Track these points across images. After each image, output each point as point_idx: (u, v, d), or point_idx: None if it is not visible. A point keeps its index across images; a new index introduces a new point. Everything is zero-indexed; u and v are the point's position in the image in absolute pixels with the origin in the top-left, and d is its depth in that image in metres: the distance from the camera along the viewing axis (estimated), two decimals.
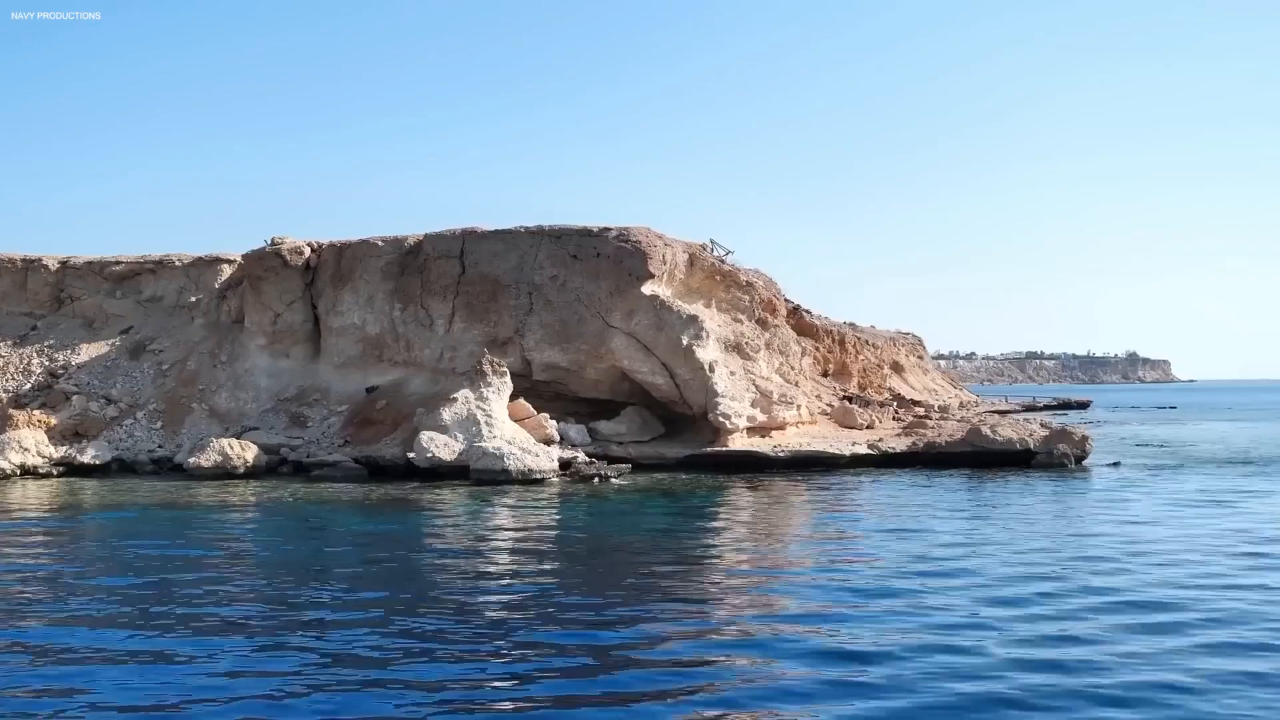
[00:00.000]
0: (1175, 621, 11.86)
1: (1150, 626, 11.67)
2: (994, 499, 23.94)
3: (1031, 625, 11.79)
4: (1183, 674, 9.87)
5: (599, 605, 12.98)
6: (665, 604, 13.05)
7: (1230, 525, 19.25)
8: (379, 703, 9.33)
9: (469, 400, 30.13)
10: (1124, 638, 11.20)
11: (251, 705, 9.32)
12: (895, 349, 69.80)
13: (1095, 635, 11.31)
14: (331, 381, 36.33)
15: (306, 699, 9.45)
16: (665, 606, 12.90)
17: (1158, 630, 11.47)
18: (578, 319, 33.37)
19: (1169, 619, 11.99)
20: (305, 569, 15.85)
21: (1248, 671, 9.92)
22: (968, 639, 11.15)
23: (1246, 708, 8.98)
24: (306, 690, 9.66)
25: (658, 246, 33.25)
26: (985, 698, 9.28)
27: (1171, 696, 9.28)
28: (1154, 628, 11.61)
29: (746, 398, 32.92)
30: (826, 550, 17.20)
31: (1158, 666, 10.12)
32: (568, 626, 11.94)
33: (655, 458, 31.99)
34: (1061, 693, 9.39)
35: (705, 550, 17.49)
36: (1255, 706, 9.00)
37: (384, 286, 36.11)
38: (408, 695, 9.47)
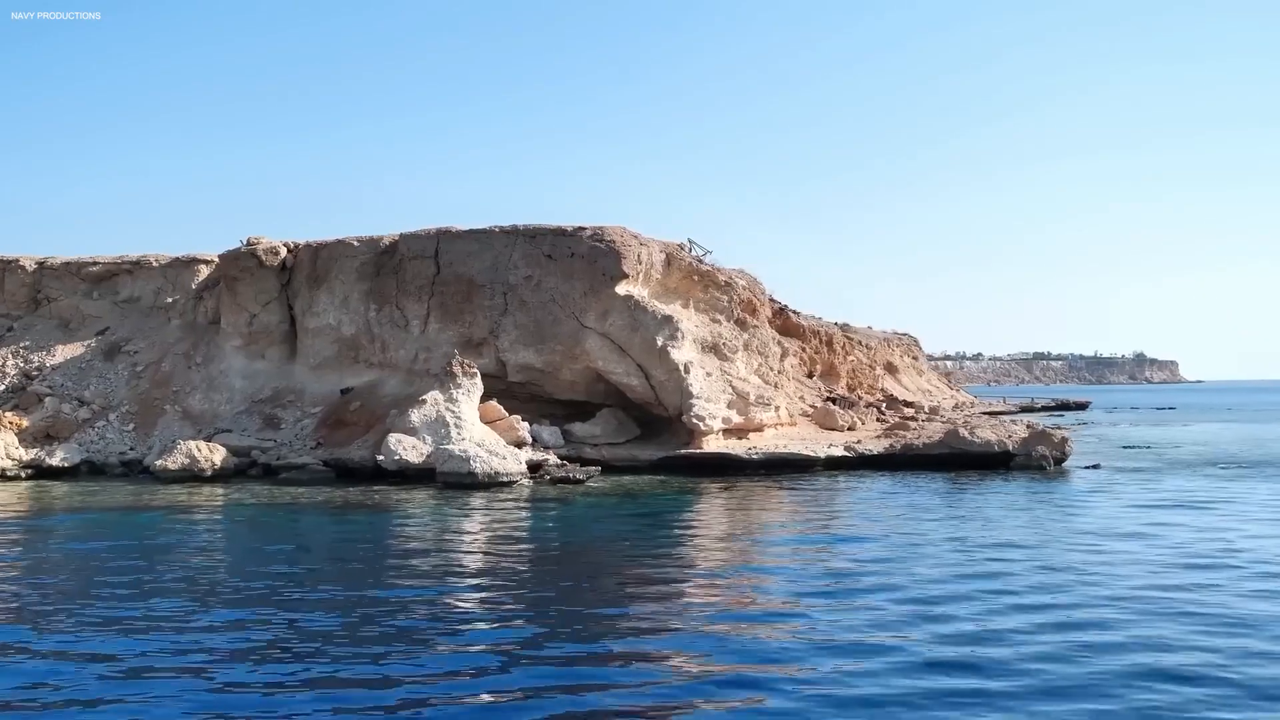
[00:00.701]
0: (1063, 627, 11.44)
1: (1049, 632, 11.31)
2: (957, 501, 23.51)
3: (941, 626, 11.47)
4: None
5: (533, 613, 12.67)
6: (589, 611, 12.66)
7: (1183, 535, 18.63)
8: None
9: (438, 402, 29.76)
10: (1030, 644, 10.96)
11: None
12: (890, 350, 69.31)
13: (997, 639, 11.07)
14: (307, 383, 36.00)
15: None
16: (589, 614, 12.51)
17: (1054, 642, 11.07)
18: (552, 320, 32.99)
19: (1061, 625, 11.56)
20: (241, 572, 15.48)
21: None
22: (874, 646, 10.89)
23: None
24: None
25: (633, 246, 32.84)
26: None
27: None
28: (1055, 638, 11.22)
29: (723, 399, 32.50)
30: (768, 555, 16.78)
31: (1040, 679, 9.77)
32: (502, 636, 11.64)
33: (629, 460, 31.59)
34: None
35: (647, 556, 17.09)
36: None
37: (359, 287, 35.78)
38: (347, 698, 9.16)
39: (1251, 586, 13.77)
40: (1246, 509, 21.70)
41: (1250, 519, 20.16)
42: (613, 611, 12.83)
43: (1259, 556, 15.91)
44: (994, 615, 12.23)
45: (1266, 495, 24.28)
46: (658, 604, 13.19)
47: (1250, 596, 13.19)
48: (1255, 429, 54.93)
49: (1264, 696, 9.26)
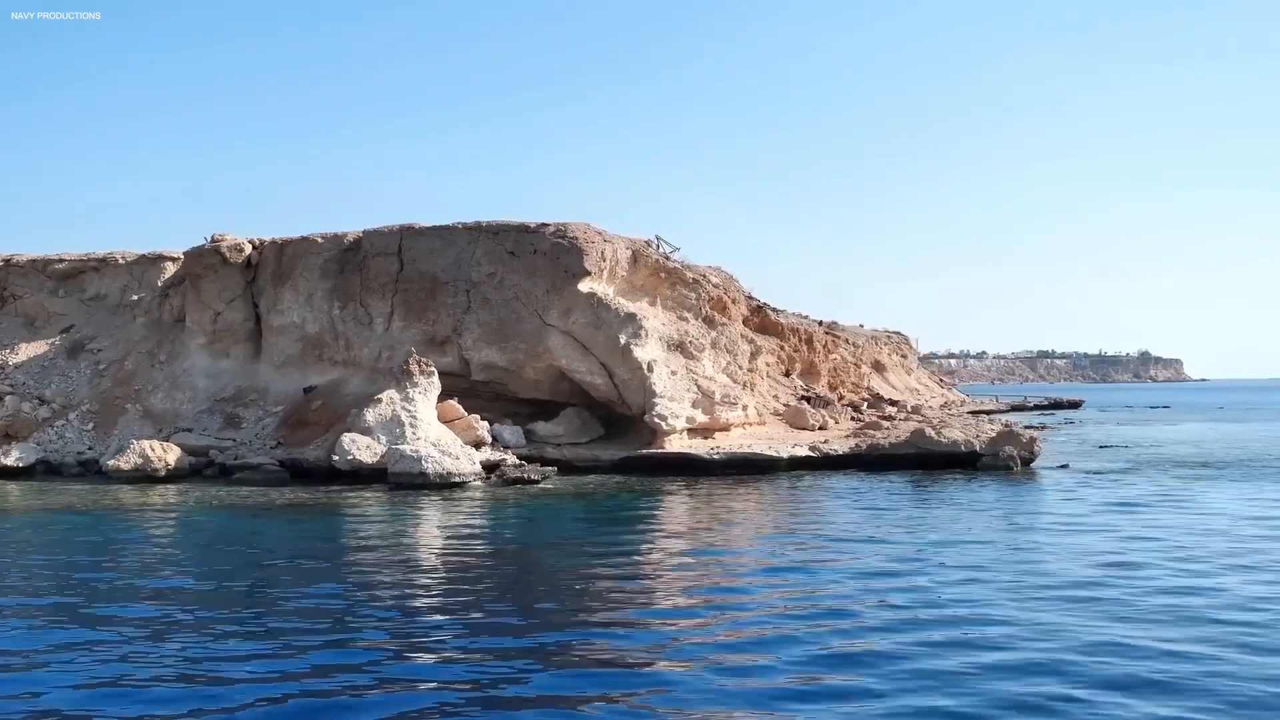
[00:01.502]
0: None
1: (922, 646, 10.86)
2: (906, 503, 23.01)
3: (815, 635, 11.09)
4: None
5: (450, 617, 12.35)
6: (505, 615, 12.21)
7: (1124, 535, 18.05)
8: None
9: (394, 401, 29.31)
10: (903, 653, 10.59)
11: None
12: (878, 348, 68.75)
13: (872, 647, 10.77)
14: (270, 382, 35.59)
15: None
16: (504, 623, 12.06)
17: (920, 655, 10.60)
18: (515, 318, 32.53)
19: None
20: (147, 573, 15.04)
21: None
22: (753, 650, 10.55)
23: None
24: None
25: (596, 243, 32.37)
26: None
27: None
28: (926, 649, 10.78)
29: (687, 398, 32.01)
30: (690, 560, 16.31)
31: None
32: (416, 644, 11.23)
33: (590, 460, 31.14)
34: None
35: (580, 558, 16.64)
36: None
37: (323, 284, 35.37)
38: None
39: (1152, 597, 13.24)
40: (1195, 513, 21.10)
41: (1193, 525, 19.48)
42: (531, 615, 12.37)
43: (1171, 569, 14.98)
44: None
45: (1223, 497, 23.66)
46: (577, 604, 12.92)
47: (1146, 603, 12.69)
48: (1239, 428, 54.30)
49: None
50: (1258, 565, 15.07)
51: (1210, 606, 12.45)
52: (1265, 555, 15.82)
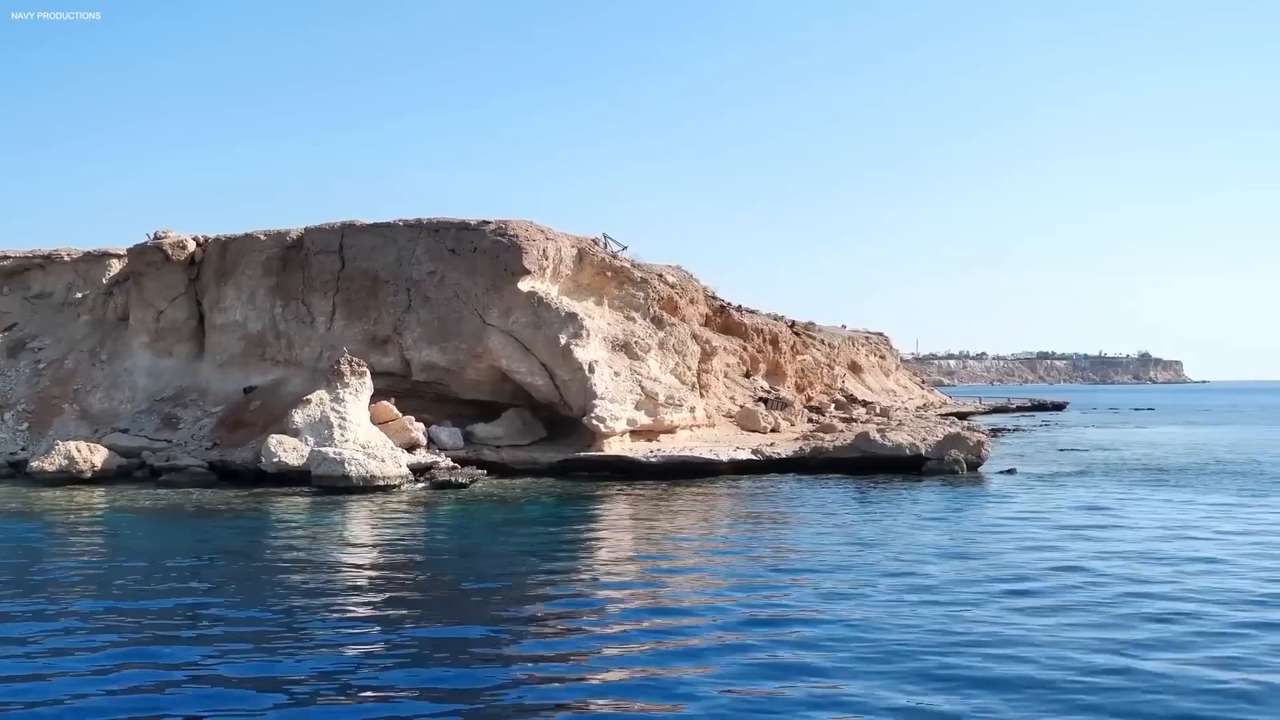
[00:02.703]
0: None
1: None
2: (816, 510, 22.32)
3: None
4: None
5: (307, 626, 11.80)
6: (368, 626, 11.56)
7: (1025, 545, 17.32)
8: None
9: (323, 402, 28.65)
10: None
11: None
12: (854, 349, 68.05)
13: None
14: (212, 381, 34.92)
15: None
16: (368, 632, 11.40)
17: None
18: (456, 317, 31.88)
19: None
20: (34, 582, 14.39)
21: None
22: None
23: None
24: None
25: (537, 241, 31.69)
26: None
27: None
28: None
29: (629, 400, 31.31)
30: (597, 567, 15.64)
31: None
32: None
33: (528, 462, 30.45)
34: None
35: (478, 563, 16.11)
36: None
37: (265, 282, 34.71)
38: None
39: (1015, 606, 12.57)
40: (1117, 522, 20.37)
41: (1107, 534, 18.75)
42: (401, 620, 11.77)
43: (1052, 583, 14.23)
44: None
45: (1154, 503, 22.87)
46: (460, 612, 12.66)
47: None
48: (1213, 432, 53.51)
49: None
50: (1142, 579, 14.27)
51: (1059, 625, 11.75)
52: (1154, 571, 14.92)
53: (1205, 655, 10.45)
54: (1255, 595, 13.21)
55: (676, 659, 10.57)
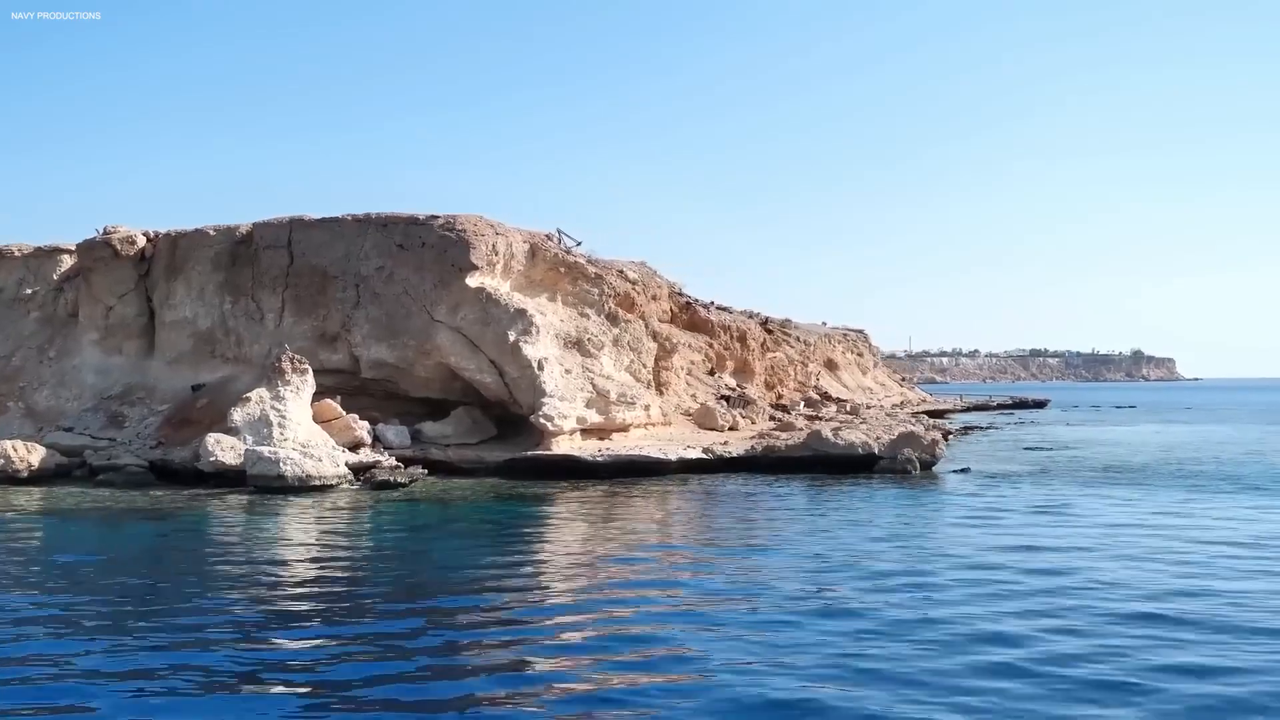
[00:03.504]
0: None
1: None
2: (747, 511, 21.86)
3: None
4: None
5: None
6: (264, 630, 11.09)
7: (944, 549, 16.85)
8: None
9: (263, 400, 28.08)
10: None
11: None
12: (831, 346, 67.59)
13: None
14: (160, 379, 34.35)
15: None
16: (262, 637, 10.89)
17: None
18: (405, 313, 31.32)
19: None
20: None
21: None
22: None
23: None
24: None
25: (486, 235, 31.15)
26: None
27: None
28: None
29: (580, 398, 30.78)
30: (503, 572, 15.14)
31: None
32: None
33: (476, 462, 29.93)
34: None
35: (388, 566, 15.69)
36: None
37: (215, 278, 34.12)
38: None
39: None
40: (1058, 524, 19.85)
41: (1038, 538, 18.21)
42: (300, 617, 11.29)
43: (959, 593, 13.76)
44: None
45: (1101, 506, 22.30)
46: (362, 613, 12.46)
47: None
48: (1188, 430, 53.11)
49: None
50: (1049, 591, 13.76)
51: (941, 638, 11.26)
52: (1069, 583, 14.34)
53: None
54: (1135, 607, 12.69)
55: (539, 661, 10.09)
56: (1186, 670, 9.77)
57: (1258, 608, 12.30)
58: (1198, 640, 10.82)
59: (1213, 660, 10.08)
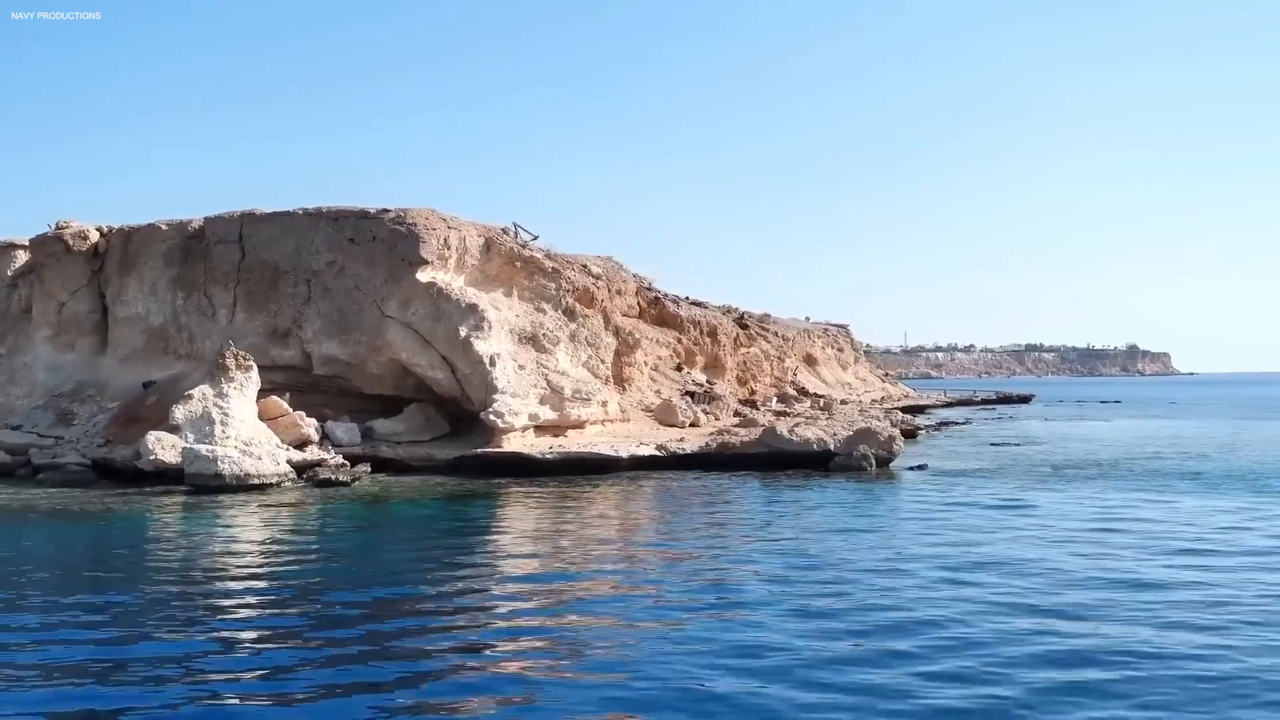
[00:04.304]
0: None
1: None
2: (684, 509, 21.41)
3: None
4: None
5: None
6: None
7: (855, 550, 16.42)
8: None
9: (206, 397, 27.56)
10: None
11: None
12: (810, 341, 67.12)
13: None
14: (113, 376, 33.88)
15: None
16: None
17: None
18: (356, 309, 30.84)
19: None
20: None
21: None
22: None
23: None
24: None
25: (438, 230, 30.65)
26: None
27: None
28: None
29: (533, 394, 30.30)
30: (421, 575, 14.69)
31: None
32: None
33: (426, 459, 29.44)
34: None
35: (286, 568, 15.24)
36: None
37: (167, 274, 33.65)
38: None
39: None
40: (996, 523, 19.41)
41: (961, 536, 17.77)
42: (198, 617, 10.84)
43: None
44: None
45: (1047, 503, 21.79)
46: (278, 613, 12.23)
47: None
48: (1166, 425, 52.62)
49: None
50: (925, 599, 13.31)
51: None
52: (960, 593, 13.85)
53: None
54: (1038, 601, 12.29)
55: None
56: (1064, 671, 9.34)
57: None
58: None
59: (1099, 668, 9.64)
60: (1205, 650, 10.04)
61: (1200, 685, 9.02)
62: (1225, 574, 13.84)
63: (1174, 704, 8.59)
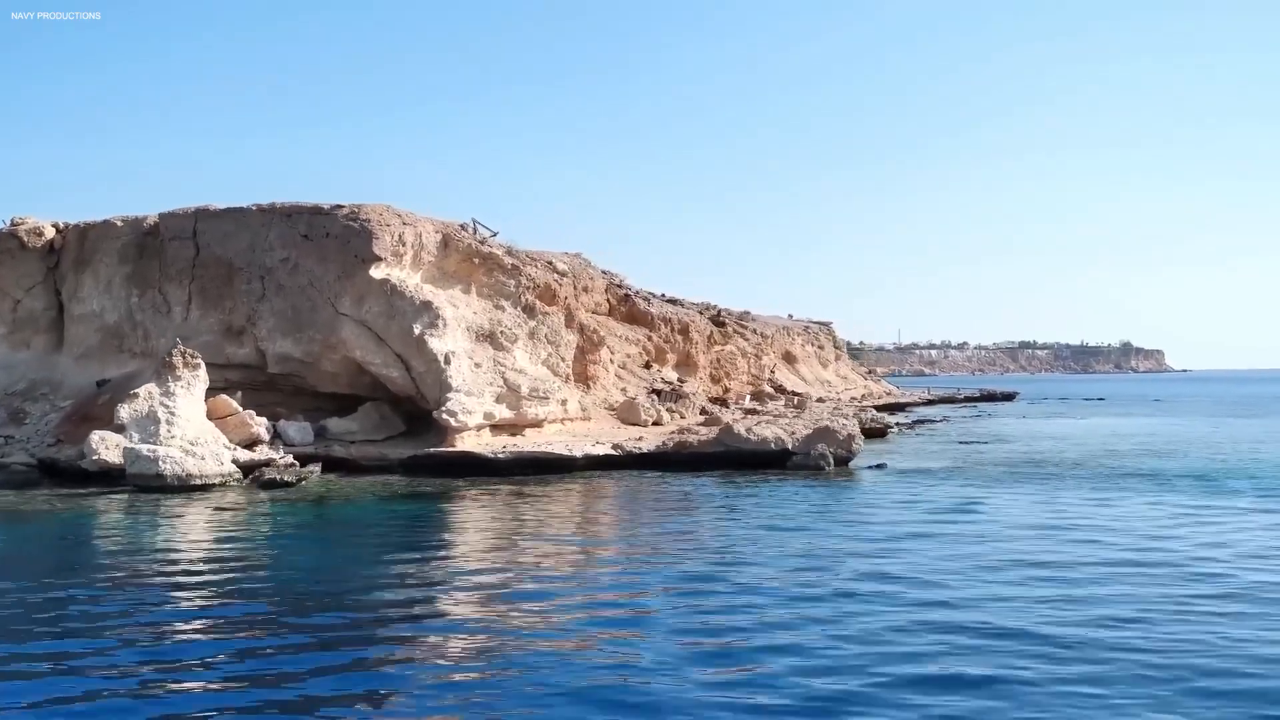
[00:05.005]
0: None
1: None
2: (629, 510, 21.05)
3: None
4: None
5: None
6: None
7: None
8: None
9: (152, 396, 27.09)
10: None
11: None
12: (790, 339, 66.77)
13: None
14: (68, 375, 33.44)
15: None
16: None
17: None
18: (310, 306, 30.41)
19: None
20: None
21: None
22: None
23: None
24: None
25: (392, 225, 30.23)
26: None
27: None
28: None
29: (489, 392, 29.91)
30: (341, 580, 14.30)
31: None
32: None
33: (379, 459, 29.04)
34: None
35: (212, 571, 14.91)
36: None
37: (122, 270, 33.21)
38: None
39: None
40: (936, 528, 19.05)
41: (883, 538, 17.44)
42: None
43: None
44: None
45: (993, 505, 21.41)
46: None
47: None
48: (1137, 424, 52.17)
49: None
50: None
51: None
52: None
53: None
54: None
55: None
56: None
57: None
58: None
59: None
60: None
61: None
62: (1139, 586, 13.35)
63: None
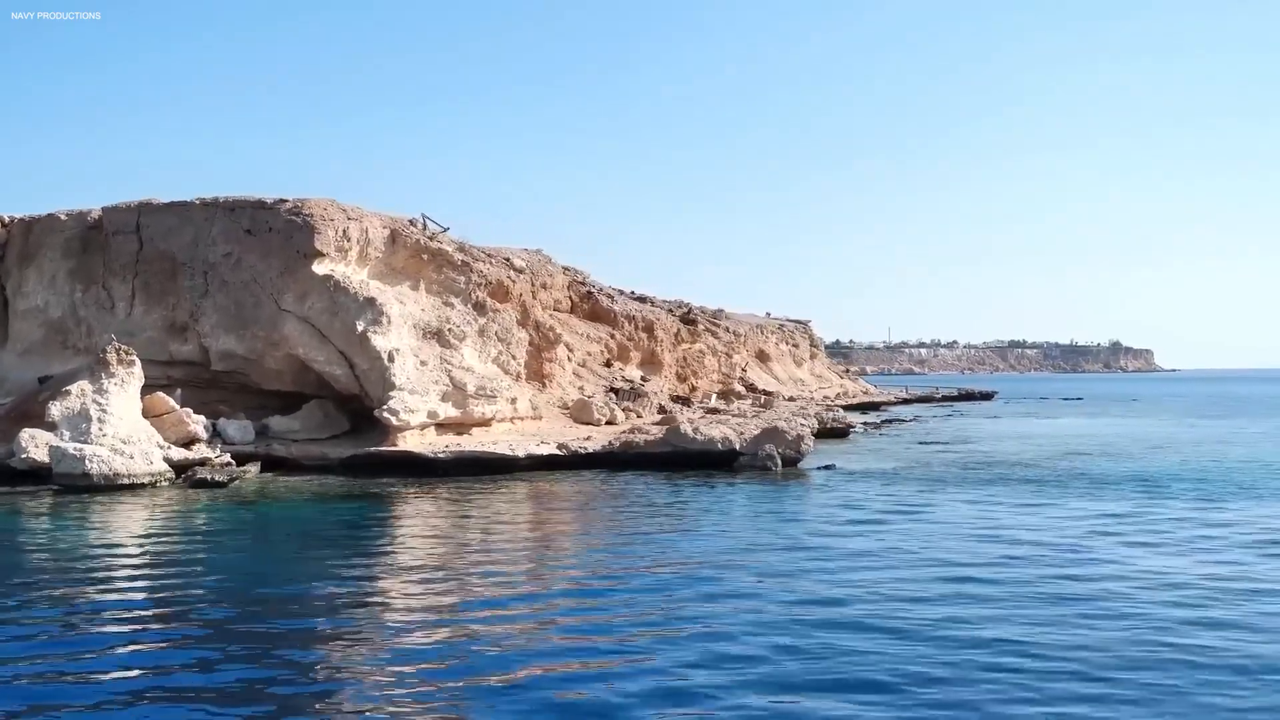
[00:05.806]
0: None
1: None
2: (563, 511, 20.57)
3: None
4: None
5: None
6: None
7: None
8: None
9: (84, 394, 26.52)
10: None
11: None
12: (763, 337, 66.33)
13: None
14: (11, 371, 32.85)
15: None
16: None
17: None
18: (253, 302, 29.85)
19: None
20: None
21: None
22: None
23: None
24: None
25: (336, 220, 29.69)
26: None
27: None
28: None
29: (435, 391, 29.38)
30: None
31: None
32: None
33: (320, 458, 28.49)
34: None
35: (128, 573, 14.43)
36: None
37: (66, 265, 32.63)
38: None
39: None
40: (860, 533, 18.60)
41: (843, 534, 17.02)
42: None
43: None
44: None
45: (941, 509, 21.03)
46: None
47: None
48: (1105, 425, 51.89)
49: None
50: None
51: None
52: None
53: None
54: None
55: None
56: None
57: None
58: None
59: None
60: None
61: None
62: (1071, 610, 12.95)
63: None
